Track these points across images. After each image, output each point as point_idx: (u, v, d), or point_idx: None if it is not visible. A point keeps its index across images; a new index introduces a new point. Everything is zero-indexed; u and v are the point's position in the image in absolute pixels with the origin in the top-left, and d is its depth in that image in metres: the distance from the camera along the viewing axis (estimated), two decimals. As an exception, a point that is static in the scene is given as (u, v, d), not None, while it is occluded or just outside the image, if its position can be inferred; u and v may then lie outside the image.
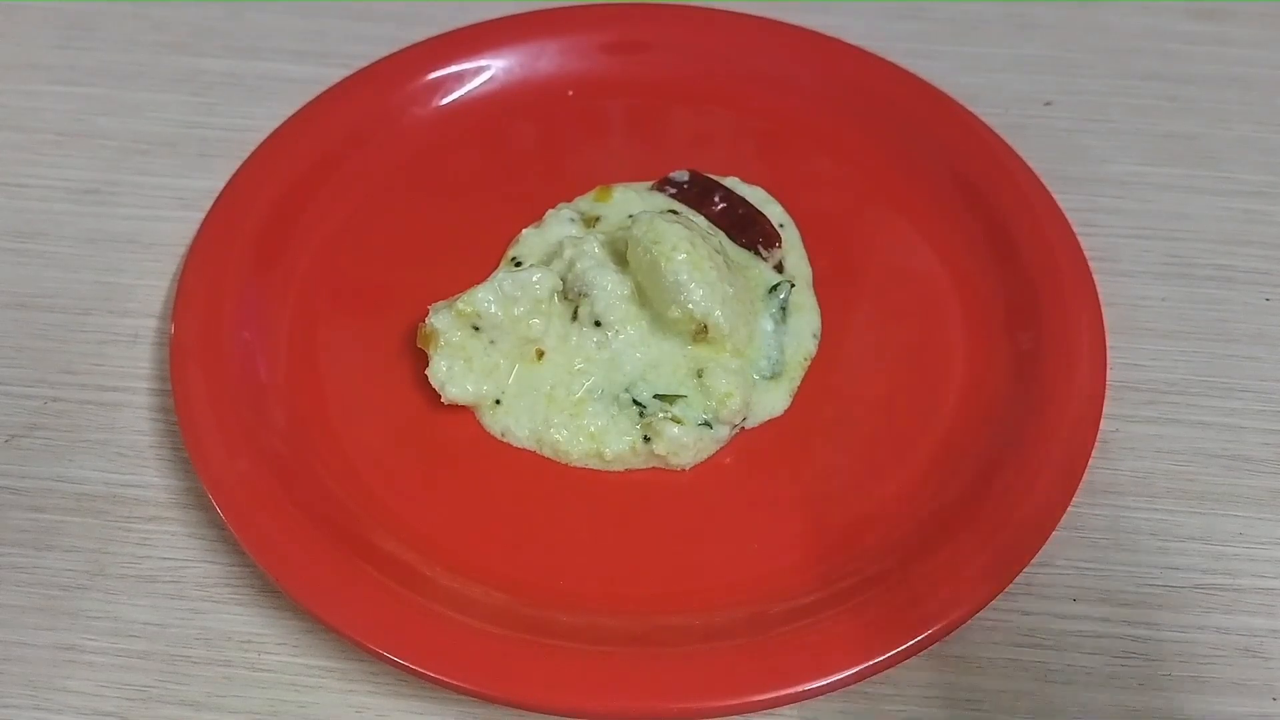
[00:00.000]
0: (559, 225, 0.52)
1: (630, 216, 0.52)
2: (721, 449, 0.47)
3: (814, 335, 0.51)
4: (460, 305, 0.47)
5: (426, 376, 0.47)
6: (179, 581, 0.44)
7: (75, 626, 0.43)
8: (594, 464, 0.47)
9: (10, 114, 0.60)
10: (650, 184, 0.55)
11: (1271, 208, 0.56)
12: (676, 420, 0.46)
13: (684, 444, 0.46)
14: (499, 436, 0.47)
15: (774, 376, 0.49)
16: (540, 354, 0.48)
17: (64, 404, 0.49)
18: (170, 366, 0.46)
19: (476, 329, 0.47)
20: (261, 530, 0.42)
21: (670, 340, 0.48)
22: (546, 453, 0.47)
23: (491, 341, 0.47)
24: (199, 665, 0.42)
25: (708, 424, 0.47)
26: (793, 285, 0.51)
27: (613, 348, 0.48)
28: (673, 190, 0.54)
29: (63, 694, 0.41)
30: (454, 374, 0.47)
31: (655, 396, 0.47)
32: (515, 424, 0.47)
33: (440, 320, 0.47)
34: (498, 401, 0.48)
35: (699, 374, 0.47)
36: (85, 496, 0.46)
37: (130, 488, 0.46)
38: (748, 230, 0.52)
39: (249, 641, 0.42)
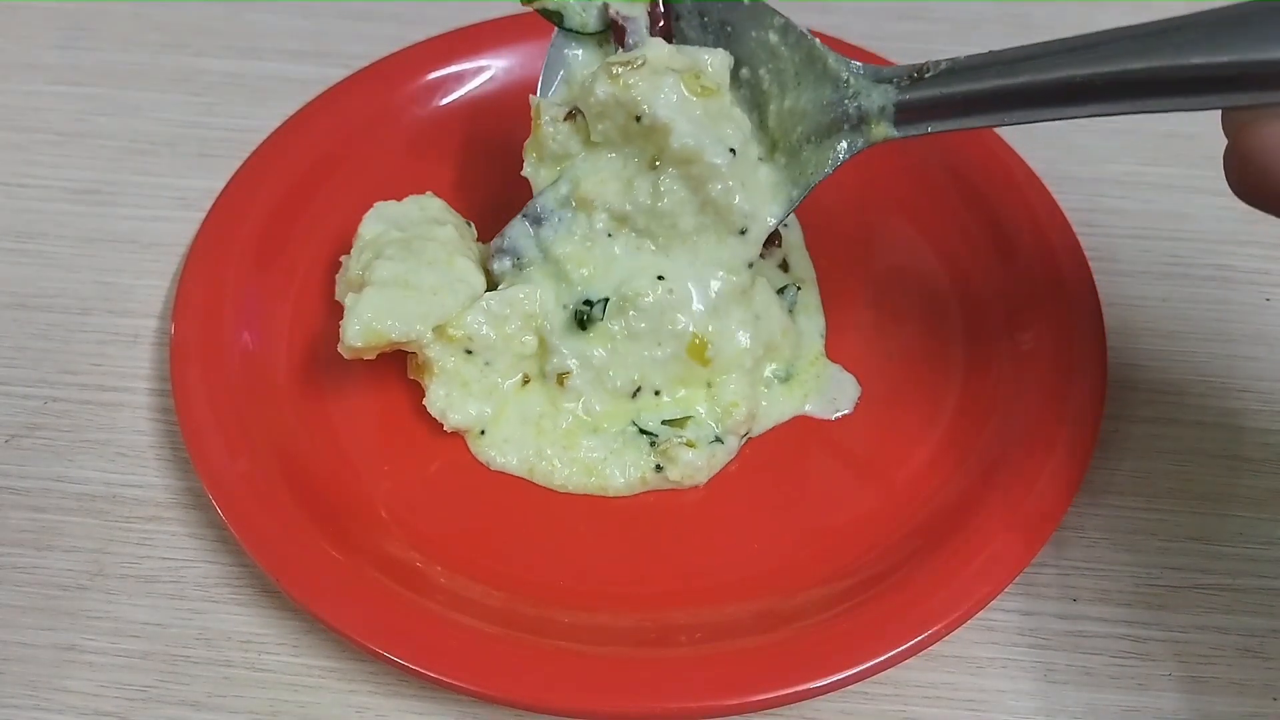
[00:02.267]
0: None
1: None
2: (722, 449, 0.47)
3: (820, 335, 0.51)
4: (451, 330, 0.45)
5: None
6: (179, 581, 0.44)
7: (75, 626, 0.43)
8: (595, 492, 0.46)
9: (10, 114, 0.60)
10: None
11: (1271, 208, 0.56)
12: (690, 444, 0.46)
13: (698, 466, 0.46)
14: (486, 465, 0.47)
15: (786, 380, 0.49)
16: (526, 380, 0.48)
17: (64, 404, 0.49)
18: (170, 366, 0.46)
19: (469, 352, 0.46)
20: (261, 530, 0.42)
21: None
22: (539, 481, 0.46)
23: (487, 363, 0.46)
24: (199, 665, 0.42)
25: (718, 439, 0.46)
26: (799, 288, 0.51)
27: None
28: None
29: (63, 694, 0.41)
30: (453, 400, 0.46)
31: (664, 423, 0.47)
32: (500, 455, 0.47)
33: (432, 350, 0.46)
34: (482, 433, 0.47)
35: (708, 384, 0.47)
36: (85, 496, 0.46)
37: (130, 488, 0.46)
38: None
39: (249, 641, 0.42)
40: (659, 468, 0.46)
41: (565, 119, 0.46)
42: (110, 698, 0.41)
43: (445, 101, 0.58)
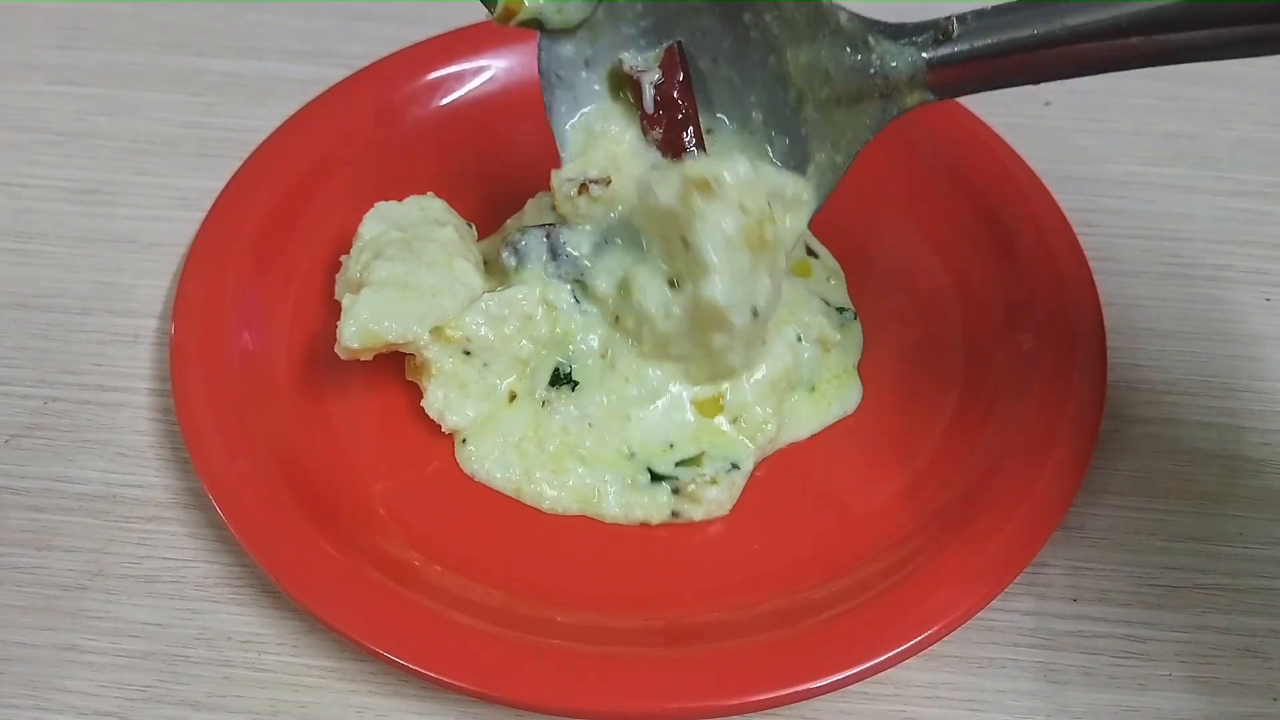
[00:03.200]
0: (538, 213, 0.53)
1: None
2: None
3: (858, 349, 0.50)
4: (449, 331, 0.45)
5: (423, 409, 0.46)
6: (179, 581, 0.44)
7: (75, 626, 0.43)
8: (590, 515, 0.45)
9: (10, 114, 0.60)
10: None
11: (1271, 208, 0.56)
12: (714, 481, 0.45)
13: (722, 501, 0.45)
14: (470, 476, 0.46)
15: (812, 390, 0.48)
16: (514, 396, 0.47)
17: (64, 404, 0.49)
18: (170, 366, 0.46)
19: (468, 354, 0.46)
20: (261, 530, 0.42)
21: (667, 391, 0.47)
22: (528, 502, 0.45)
23: (485, 364, 0.46)
24: (199, 665, 0.42)
25: (735, 465, 0.45)
26: (856, 316, 0.51)
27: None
28: None
29: (63, 694, 0.41)
30: (451, 401, 0.46)
31: (679, 464, 0.45)
32: (481, 469, 0.46)
33: (430, 351, 0.45)
34: (464, 441, 0.47)
35: (735, 420, 0.46)
36: (85, 496, 0.46)
37: (130, 488, 0.46)
38: None
39: (249, 642, 0.42)
40: (675, 513, 0.45)
41: (579, 193, 0.46)
42: (110, 698, 0.41)
43: (445, 101, 0.58)
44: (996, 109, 0.59)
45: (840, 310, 0.51)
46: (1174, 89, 0.62)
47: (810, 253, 0.53)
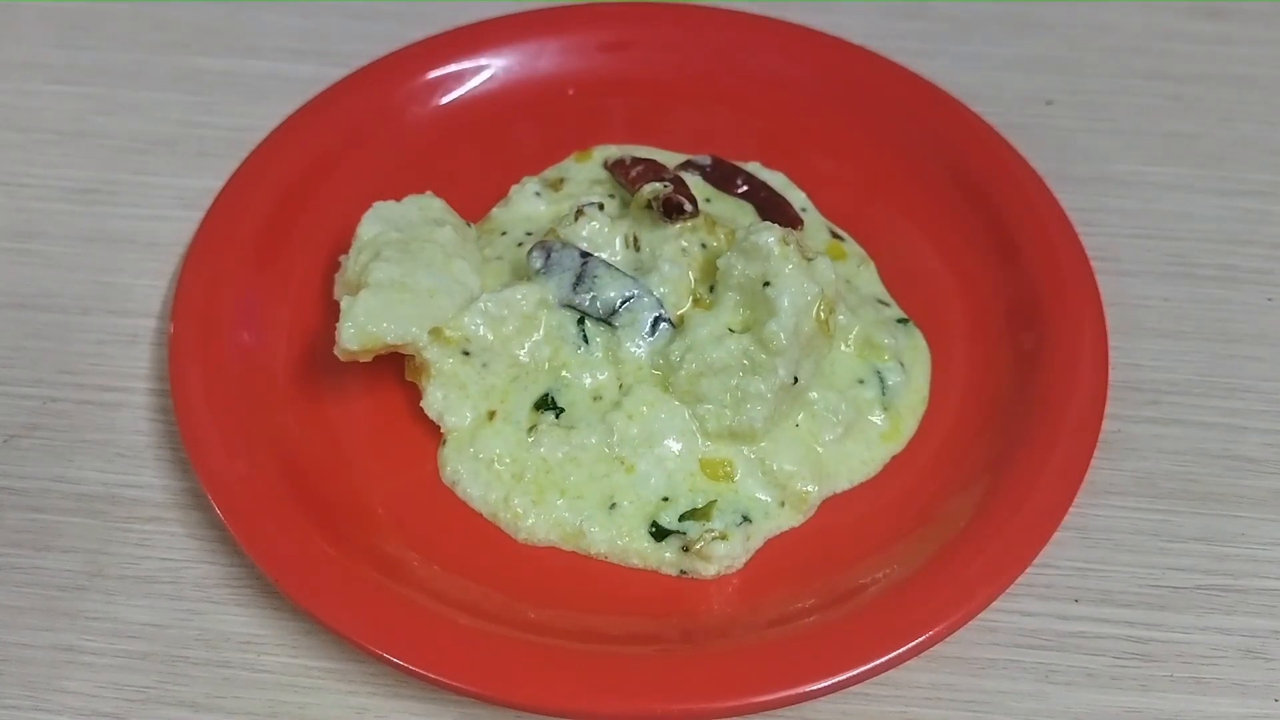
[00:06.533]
0: (524, 201, 0.52)
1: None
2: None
3: (926, 367, 0.50)
4: (448, 332, 0.45)
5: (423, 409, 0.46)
6: (178, 582, 0.44)
7: (74, 627, 0.42)
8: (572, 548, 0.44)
9: (10, 114, 0.60)
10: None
11: (1274, 207, 0.56)
12: (723, 536, 0.43)
13: (736, 555, 0.43)
14: (449, 486, 0.46)
15: (887, 408, 0.47)
16: (492, 414, 0.46)
17: (63, 404, 0.49)
18: (170, 366, 0.46)
19: (467, 354, 0.46)
20: (261, 531, 0.42)
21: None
22: (505, 529, 0.44)
23: (484, 365, 0.46)
24: (198, 666, 0.42)
25: (746, 519, 0.44)
26: (907, 321, 0.50)
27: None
28: (696, 173, 0.54)
29: (61, 695, 0.41)
30: (451, 402, 0.46)
31: (683, 518, 0.43)
32: (457, 484, 0.45)
33: (429, 352, 0.45)
34: (445, 443, 0.46)
35: (763, 466, 0.45)
36: (84, 497, 0.46)
37: (129, 488, 0.46)
38: (770, 214, 0.52)
39: (248, 642, 0.42)
40: (683, 571, 0.43)
41: (576, 217, 0.47)
42: (109, 698, 0.41)
43: (445, 101, 0.58)
44: (998, 108, 0.59)
45: (900, 321, 0.50)
46: (1176, 88, 0.62)
47: (835, 236, 0.53)
